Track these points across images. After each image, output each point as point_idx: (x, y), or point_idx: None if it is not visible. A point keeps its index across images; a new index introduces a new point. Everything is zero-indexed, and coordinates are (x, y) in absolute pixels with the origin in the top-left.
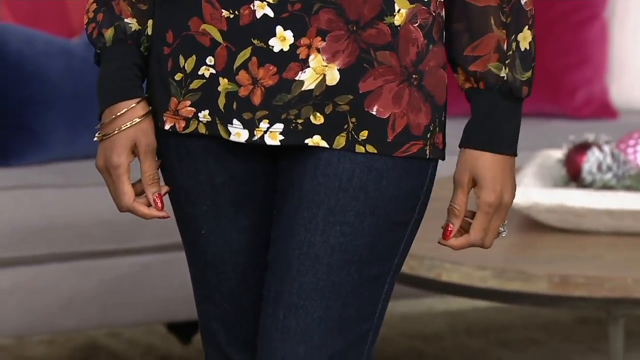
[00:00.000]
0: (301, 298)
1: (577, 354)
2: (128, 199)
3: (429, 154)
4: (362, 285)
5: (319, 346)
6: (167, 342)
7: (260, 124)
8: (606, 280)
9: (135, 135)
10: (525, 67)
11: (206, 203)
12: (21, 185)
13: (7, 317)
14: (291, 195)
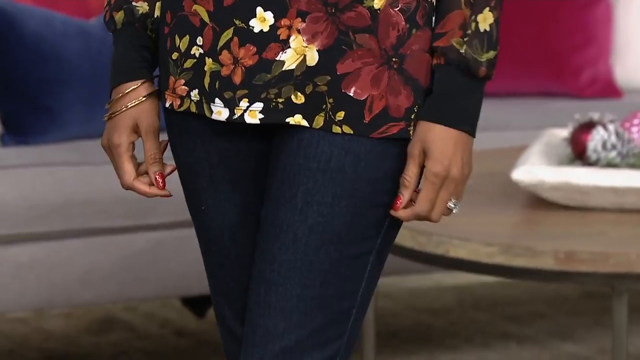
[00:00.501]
0: (280, 276)
1: (582, 327)
2: (128, 177)
3: (411, 134)
4: (342, 264)
5: (298, 323)
6: (182, 316)
7: (240, 102)
8: (610, 256)
9: (137, 115)
10: (484, 48)
11: (205, 180)
12: (39, 163)
13: (26, 291)
14: (276, 174)
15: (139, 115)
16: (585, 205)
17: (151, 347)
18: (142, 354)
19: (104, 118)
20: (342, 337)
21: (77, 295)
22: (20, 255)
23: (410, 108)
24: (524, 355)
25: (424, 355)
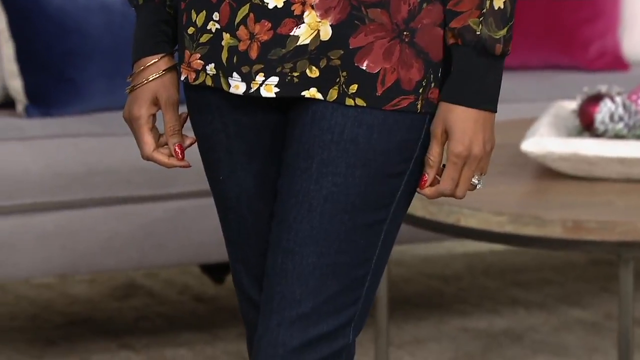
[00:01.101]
0: (297, 244)
1: (589, 294)
2: (148, 148)
3: (420, 108)
4: (356, 233)
5: (314, 289)
6: (201, 282)
7: (257, 77)
8: (617, 224)
9: (157, 88)
10: (498, 25)
11: (223, 151)
12: (62, 134)
13: (50, 257)
14: (291, 146)
15: (158, 89)
16: (593, 176)
17: (171, 312)
18: (162, 318)
19: (125, 91)
20: (356, 303)
21: (99, 261)
22: (45, 223)
23: (420, 81)
24: (532, 320)
25: (435, 320)
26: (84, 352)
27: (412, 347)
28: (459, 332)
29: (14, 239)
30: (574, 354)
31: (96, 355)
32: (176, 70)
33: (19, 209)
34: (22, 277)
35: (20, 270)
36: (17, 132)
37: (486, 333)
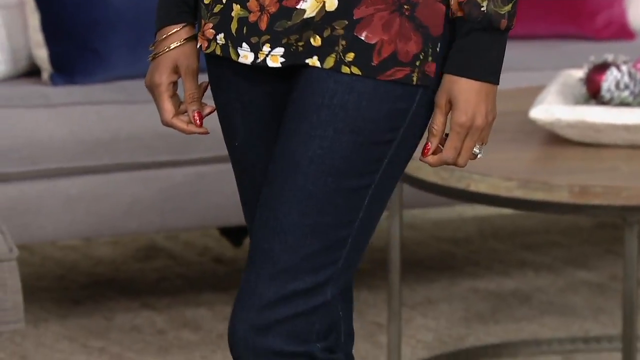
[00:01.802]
0: (280, 202)
1: (595, 256)
2: (168, 115)
3: (415, 80)
4: (339, 196)
5: (293, 246)
6: (220, 244)
7: (263, 47)
8: (622, 189)
9: (177, 57)
10: (504, 1)
11: (238, 118)
12: (86, 101)
13: (75, 220)
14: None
15: (178, 57)
16: (599, 142)
17: (191, 273)
18: (182, 279)
19: (148, 58)
20: (336, 263)
21: (122, 224)
22: (69, 188)
23: (417, 54)
24: (540, 282)
25: (446, 282)
26: (107, 311)
27: (424, 307)
28: (469, 293)
29: (40, 202)
30: (580, 314)
31: (119, 315)
32: (196, 40)
33: (45, 174)
34: (49, 239)
35: (47, 233)
36: (43, 99)
37: (495, 294)
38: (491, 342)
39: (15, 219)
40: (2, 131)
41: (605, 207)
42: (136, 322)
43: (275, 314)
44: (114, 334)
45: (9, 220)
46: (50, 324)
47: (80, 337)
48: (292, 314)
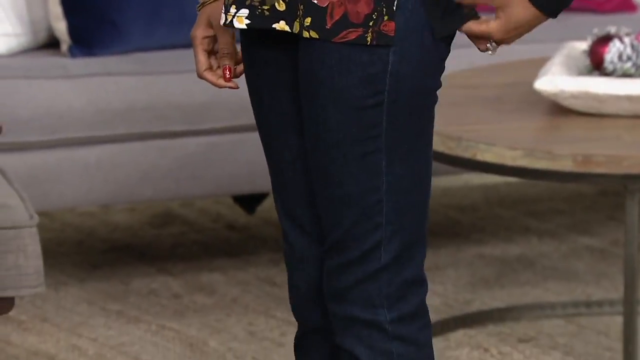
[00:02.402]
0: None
1: (597, 223)
2: (200, 67)
3: (370, 40)
4: (350, 165)
5: (334, 220)
6: (233, 211)
7: (230, 9)
8: (624, 158)
9: (211, 12)
10: None
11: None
12: (104, 72)
13: (93, 188)
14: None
15: (212, 13)
16: (602, 112)
17: (205, 239)
18: (197, 245)
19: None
20: (379, 228)
21: (138, 192)
22: (88, 157)
23: (369, 15)
24: (544, 248)
25: (452, 249)
26: (124, 276)
27: (431, 273)
28: (475, 259)
29: (59, 171)
30: (583, 279)
31: (136, 280)
32: None
33: (64, 143)
34: (68, 206)
35: (66, 200)
36: (62, 70)
37: (500, 260)
38: (496, 306)
39: (36, 187)
40: (22, 101)
41: (608, 175)
42: (153, 287)
43: (339, 282)
44: (131, 298)
45: (29, 188)
46: (70, 288)
47: (99, 300)
48: (352, 281)
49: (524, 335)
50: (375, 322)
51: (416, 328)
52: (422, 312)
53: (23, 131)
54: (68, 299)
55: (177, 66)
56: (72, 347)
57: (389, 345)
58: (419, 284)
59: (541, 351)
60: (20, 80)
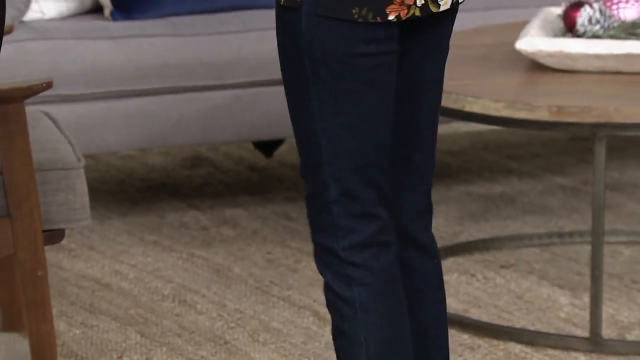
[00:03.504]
0: None
1: (569, 164)
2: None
3: (283, 1)
4: (296, 108)
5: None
6: (254, 155)
7: None
8: (593, 109)
9: None
10: None
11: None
12: (141, 34)
13: (133, 134)
14: None
15: None
16: (574, 69)
17: (229, 179)
18: (222, 184)
19: None
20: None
21: (171, 138)
22: (128, 107)
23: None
24: (523, 186)
25: (443, 188)
26: (160, 211)
27: None
28: (463, 197)
29: (103, 119)
30: (556, 213)
31: (170, 214)
32: None
33: (106, 95)
34: (111, 150)
35: (109, 145)
36: (105, 32)
37: (485, 197)
38: (481, 237)
39: (83, 133)
40: (70, 60)
41: (578, 124)
42: (184, 220)
43: (308, 211)
44: (165, 230)
45: (77, 134)
46: (113, 221)
47: (138, 232)
48: (315, 212)
49: (505, 262)
50: (332, 249)
51: (369, 255)
52: (375, 242)
53: (71, 85)
54: (111, 230)
55: (204, 29)
56: (114, 272)
57: (345, 270)
58: (369, 218)
59: (520, 275)
60: (68, 41)
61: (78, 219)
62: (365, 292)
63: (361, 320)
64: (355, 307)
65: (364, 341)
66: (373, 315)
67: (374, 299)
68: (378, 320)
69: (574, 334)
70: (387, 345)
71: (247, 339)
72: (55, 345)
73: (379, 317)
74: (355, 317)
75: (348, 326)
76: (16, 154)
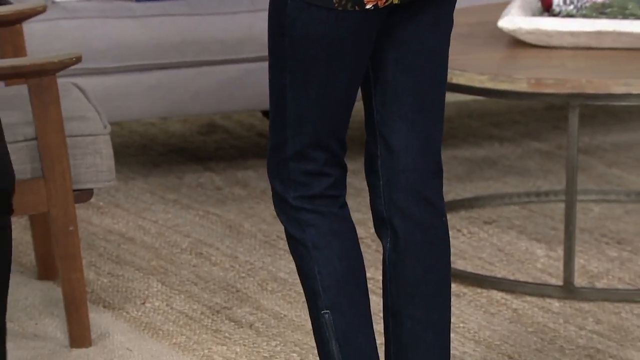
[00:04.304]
0: None
1: (545, 130)
2: None
3: None
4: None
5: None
6: (263, 123)
7: None
8: (567, 81)
9: None
10: None
11: None
12: (162, 14)
13: (155, 104)
14: None
15: None
16: (550, 45)
17: (241, 144)
18: (234, 149)
19: None
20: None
21: (189, 107)
22: (150, 79)
23: None
24: (504, 151)
25: None
26: (178, 172)
27: None
28: (450, 160)
29: (128, 89)
30: (534, 174)
31: (187, 175)
32: None
33: (131, 69)
34: (135, 117)
35: (133, 113)
36: (130, 12)
37: (470, 160)
38: (466, 197)
39: (109, 103)
40: (98, 36)
41: (554, 94)
42: (200, 181)
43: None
44: (183, 190)
45: (104, 104)
46: (136, 182)
47: (159, 191)
48: (274, 164)
49: (487, 218)
50: (285, 199)
51: (319, 204)
52: (324, 195)
53: (99, 59)
54: (135, 190)
55: (218, 9)
56: (138, 227)
57: (297, 215)
58: (319, 176)
59: (501, 231)
60: (96, 20)
61: (105, 180)
62: (316, 232)
63: (313, 257)
64: (307, 246)
65: (317, 275)
66: (324, 252)
67: (323, 238)
68: (329, 256)
69: (549, 283)
70: (339, 277)
71: (257, 288)
72: (85, 292)
73: (329, 253)
74: (309, 254)
75: (304, 263)
76: (49, 122)
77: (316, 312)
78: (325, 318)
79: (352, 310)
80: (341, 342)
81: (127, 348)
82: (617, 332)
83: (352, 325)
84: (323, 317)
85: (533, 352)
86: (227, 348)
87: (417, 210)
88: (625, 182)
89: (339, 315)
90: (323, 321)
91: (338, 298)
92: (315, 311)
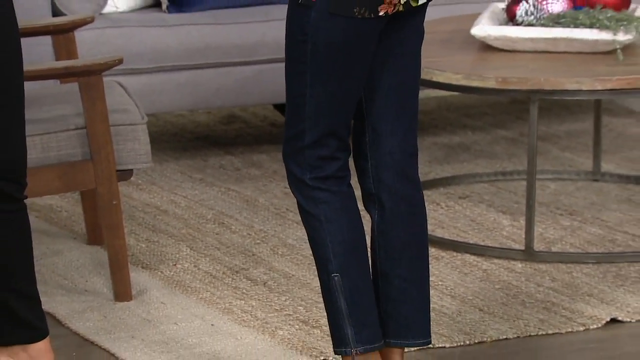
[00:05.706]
0: None
1: (510, 121)
2: None
3: (301, 1)
4: (286, 75)
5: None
6: (274, 114)
7: None
8: (529, 79)
9: None
10: None
11: None
12: (190, 23)
13: (183, 99)
14: None
15: None
16: (514, 49)
17: (256, 132)
18: (251, 136)
19: None
20: (303, 121)
21: (213, 101)
22: (179, 78)
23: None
24: (475, 137)
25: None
26: (204, 155)
27: None
28: (431, 145)
29: (161, 87)
30: (500, 157)
31: (211, 158)
32: None
33: (163, 69)
34: (167, 110)
35: (165, 106)
36: (163, 22)
37: (447, 146)
38: (445, 176)
39: (145, 97)
40: (136, 42)
41: (518, 90)
42: (222, 163)
43: (283, 151)
44: (208, 170)
45: (141, 98)
46: (169, 163)
47: (187, 171)
48: (289, 151)
49: (462, 194)
50: (302, 179)
51: (330, 184)
52: (335, 176)
53: (137, 61)
54: (168, 170)
55: (237, 19)
56: (170, 201)
57: (311, 193)
58: (331, 160)
59: (473, 204)
60: (135, 28)
61: (143, 162)
62: (328, 208)
63: (326, 229)
64: (321, 219)
65: (329, 244)
66: (335, 224)
67: (334, 213)
68: (339, 228)
69: (513, 247)
70: (347, 246)
71: (269, 252)
72: (127, 255)
73: (339, 225)
74: (322, 227)
75: (317, 234)
76: (96, 113)
77: (326, 275)
78: (335, 280)
79: (357, 274)
80: (348, 300)
81: (162, 302)
82: (569, 288)
83: (357, 286)
84: (333, 279)
85: (499, 305)
86: (245, 302)
87: (401, 186)
88: (576, 163)
89: (347, 278)
90: (333, 283)
91: (346, 264)
92: (326, 275)
